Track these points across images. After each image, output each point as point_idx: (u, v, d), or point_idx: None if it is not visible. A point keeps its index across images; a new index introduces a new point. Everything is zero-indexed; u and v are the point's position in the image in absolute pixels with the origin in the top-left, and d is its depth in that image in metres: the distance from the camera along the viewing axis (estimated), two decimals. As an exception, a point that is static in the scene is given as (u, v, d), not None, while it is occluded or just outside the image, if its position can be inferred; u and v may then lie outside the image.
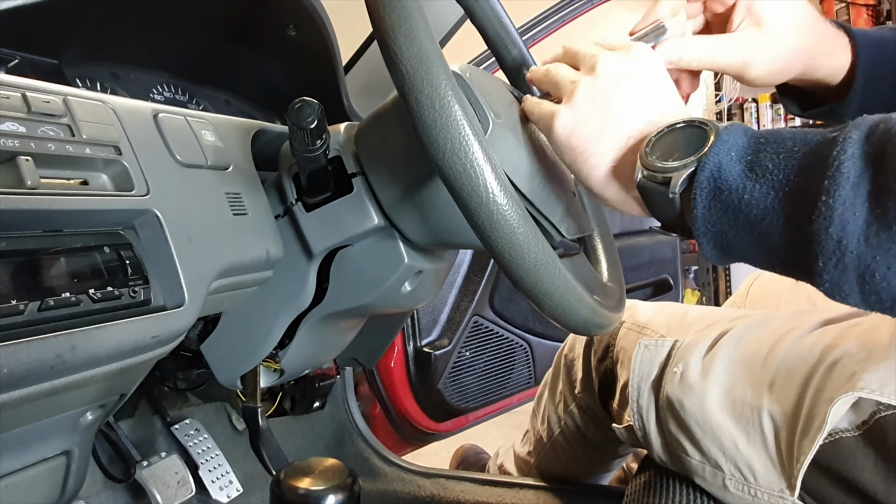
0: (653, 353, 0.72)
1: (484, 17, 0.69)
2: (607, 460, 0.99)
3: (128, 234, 0.46)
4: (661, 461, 0.73)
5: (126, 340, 0.43)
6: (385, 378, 1.23)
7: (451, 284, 1.29)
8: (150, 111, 0.53)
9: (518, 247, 0.42)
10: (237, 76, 0.91)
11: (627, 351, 0.77)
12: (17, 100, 0.42)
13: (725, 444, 0.63)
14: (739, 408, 0.62)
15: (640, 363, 0.72)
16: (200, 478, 0.86)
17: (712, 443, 0.64)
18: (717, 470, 0.64)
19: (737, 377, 0.64)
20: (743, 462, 0.62)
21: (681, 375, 0.67)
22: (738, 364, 0.64)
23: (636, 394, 0.72)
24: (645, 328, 0.77)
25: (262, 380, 0.70)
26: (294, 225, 0.60)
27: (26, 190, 0.39)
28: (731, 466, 0.63)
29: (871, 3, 3.39)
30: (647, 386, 0.71)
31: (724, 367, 0.65)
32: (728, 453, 0.63)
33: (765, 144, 0.43)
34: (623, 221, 1.63)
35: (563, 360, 0.95)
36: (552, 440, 0.99)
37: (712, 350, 0.67)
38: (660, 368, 0.71)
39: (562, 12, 1.38)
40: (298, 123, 0.52)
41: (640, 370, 0.72)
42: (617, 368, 0.80)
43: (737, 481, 0.63)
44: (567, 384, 0.94)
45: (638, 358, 0.73)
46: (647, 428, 0.72)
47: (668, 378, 0.69)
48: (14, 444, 0.45)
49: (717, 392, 0.64)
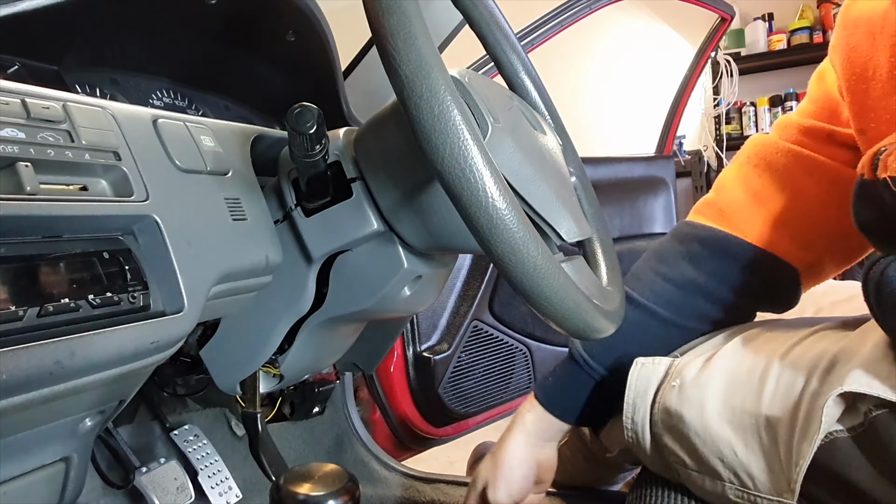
0: (650, 371, 0.72)
1: (482, 22, 0.69)
2: (612, 472, 0.98)
3: (127, 239, 0.46)
4: (659, 472, 0.73)
5: (125, 346, 0.43)
6: (385, 383, 1.23)
7: (451, 289, 1.29)
8: (149, 117, 0.53)
9: (517, 251, 0.42)
10: (236, 82, 0.91)
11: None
12: (16, 106, 0.42)
13: (724, 452, 0.63)
14: (738, 416, 0.62)
15: (636, 380, 0.72)
16: (200, 484, 0.86)
17: (711, 452, 0.64)
18: (717, 479, 0.64)
19: (736, 385, 0.64)
20: (742, 469, 0.62)
21: (679, 388, 0.67)
22: (738, 372, 0.65)
23: (631, 410, 0.72)
24: None
25: (261, 385, 0.70)
26: (293, 230, 0.60)
27: (26, 196, 0.39)
28: (731, 474, 0.63)
29: (869, 7, 3.40)
30: (642, 403, 0.71)
31: (722, 377, 0.65)
32: (727, 461, 0.63)
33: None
34: (623, 226, 1.64)
35: None
36: (558, 452, 0.99)
37: (711, 360, 0.68)
38: (657, 385, 0.71)
39: (559, 17, 1.39)
40: (297, 128, 0.52)
41: (637, 387, 0.72)
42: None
43: (737, 489, 0.62)
44: None
45: (635, 375, 0.73)
46: (643, 444, 0.72)
47: (665, 392, 0.69)
48: (13, 450, 0.45)
49: (716, 401, 0.64)
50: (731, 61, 3.51)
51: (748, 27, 3.67)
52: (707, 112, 3.70)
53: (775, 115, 3.64)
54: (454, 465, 2.02)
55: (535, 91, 0.72)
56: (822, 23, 3.56)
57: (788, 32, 3.59)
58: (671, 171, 1.79)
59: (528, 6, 1.38)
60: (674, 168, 1.81)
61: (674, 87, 2.00)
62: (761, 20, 3.65)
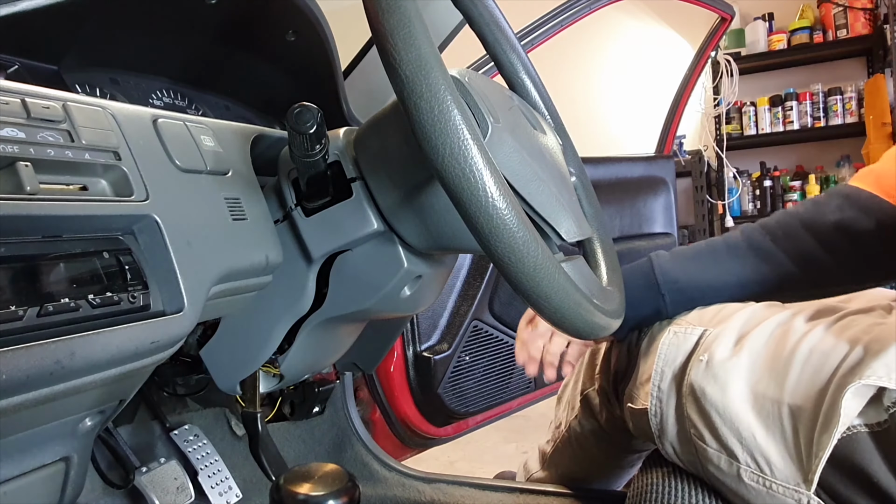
0: (681, 340, 0.73)
1: (482, 22, 0.69)
2: (619, 454, 0.99)
3: (127, 239, 0.46)
4: (671, 451, 0.73)
5: (125, 346, 0.43)
6: (385, 383, 1.23)
7: (451, 289, 1.29)
8: (149, 116, 0.53)
9: (517, 251, 0.42)
10: (236, 81, 0.91)
11: (655, 338, 0.78)
12: (16, 105, 0.42)
13: (744, 434, 0.63)
14: (761, 401, 0.63)
15: (667, 349, 0.74)
16: (200, 484, 0.86)
17: (731, 432, 0.64)
18: (733, 460, 0.64)
19: (761, 370, 0.64)
20: (760, 453, 0.62)
21: (706, 363, 0.68)
22: (764, 358, 0.65)
23: (658, 378, 0.73)
24: (677, 319, 0.78)
25: (261, 385, 0.70)
26: (293, 230, 0.60)
27: (25, 195, 0.39)
28: (748, 457, 0.63)
29: (869, 6, 3.40)
30: (670, 371, 0.72)
31: (749, 361, 0.66)
32: (745, 444, 0.63)
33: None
34: (622, 225, 1.64)
35: (590, 349, 0.96)
36: (569, 426, 0.99)
37: (740, 342, 0.68)
38: (686, 356, 0.72)
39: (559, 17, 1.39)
40: (298, 128, 0.52)
41: (667, 355, 0.73)
42: (639, 355, 0.81)
43: (752, 472, 0.63)
44: (589, 368, 0.95)
45: (665, 343, 0.74)
46: (665, 413, 0.72)
47: (693, 365, 0.69)
48: (13, 450, 0.45)
49: (740, 384, 0.65)
50: (731, 61, 3.51)
51: (748, 27, 3.67)
52: (707, 112, 3.70)
53: (775, 114, 3.64)
54: (454, 464, 2.02)
55: (535, 91, 0.72)
56: (823, 22, 3.56)
57: (788, 32, 3.58)
58: (671, 170, 1.79)
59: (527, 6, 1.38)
60: (674, 168, 1.81)
61: (674, 86, 2.00)
62: (761, 20, 3.65)
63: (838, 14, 3.48)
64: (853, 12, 3.42)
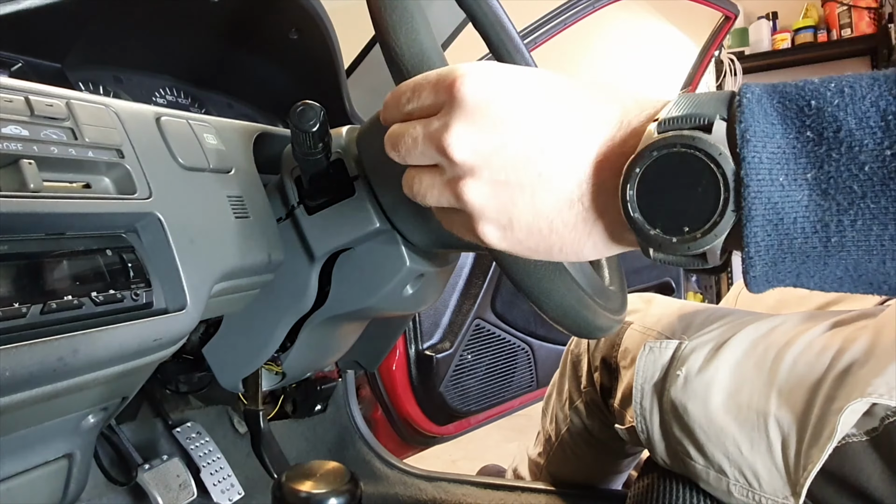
0: (657, 355, 0.71)
1: (486, 20, 0.69)
2: (615, 460, 0.98)
3: (130, 237, 0.46)
4: (664, 464, 0.73)
5: (128, 343, 0.43)
6: (387, 381, 1.23)
7: (453, 287, 1.29)
8: (152, 114, 0.53)
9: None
10: (239, 80, 0.91)
11: (631, 351, 0.77)
12: (20, 103, 0.42)
13: (730, 448, 0.62)
14: (745, 412, 0.61)
15: (643, 365, 0.72)
16: (202, 481, 0.86)
17: (716, 447, 0.63)
18: (722, 475, 0.64)
19: (742, 380, 0.63)
20: (747, 468, 0.61)
21: (684, 378, 0.67)
22: (745, 367, 0.64)
23: (639, 395, 0.72)
24: (650, 329, 0.77)
25: (263, 383, 0.70)
26: (296, 228, 0.60)
27: (29, 193, 0.39)
28: (736, 472, 0.62)
29: (874, 5, 3.39)
30: (650, 388, 0.71)
31: (728, 370, 0.64)
32: (732, 458, 0.62)
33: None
34: (625, 224, 1.63)
35: (569, 357, 0.95)
36: (560, 438, 0.99)
37: (717, 352, 0.67)
38: (662, 371, 0.70)
39: (563, 16, 1.38)
40: (300, 126, 0.52)
41: (644, 372, 0.72)
42: (620, 367, 0.80)
43: (741, 487, 0.62)
44: (573, 381, 0.94)
45: (642, 360, 0.72)
46: (651, 431, 0.71)
47: (671, 381, 0.68)
48: (16, 446, 0.45)
49: (721, 395, 0.63)
50: (734, 60, 3.50)
51: (752, 26, 3.66)
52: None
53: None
54: (456, 463, 2.03)
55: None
56: (827, 22, 3.55)
57: (792, 31, 3.57)
58: (674, 170, 1.78)
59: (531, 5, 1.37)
60: (677, 167, 1.80)
61: (677, 85, 2.00)
62: (765, 19, 3.64)
63: (842, 13, 3.47)
64: (857, 11, 3.41)
